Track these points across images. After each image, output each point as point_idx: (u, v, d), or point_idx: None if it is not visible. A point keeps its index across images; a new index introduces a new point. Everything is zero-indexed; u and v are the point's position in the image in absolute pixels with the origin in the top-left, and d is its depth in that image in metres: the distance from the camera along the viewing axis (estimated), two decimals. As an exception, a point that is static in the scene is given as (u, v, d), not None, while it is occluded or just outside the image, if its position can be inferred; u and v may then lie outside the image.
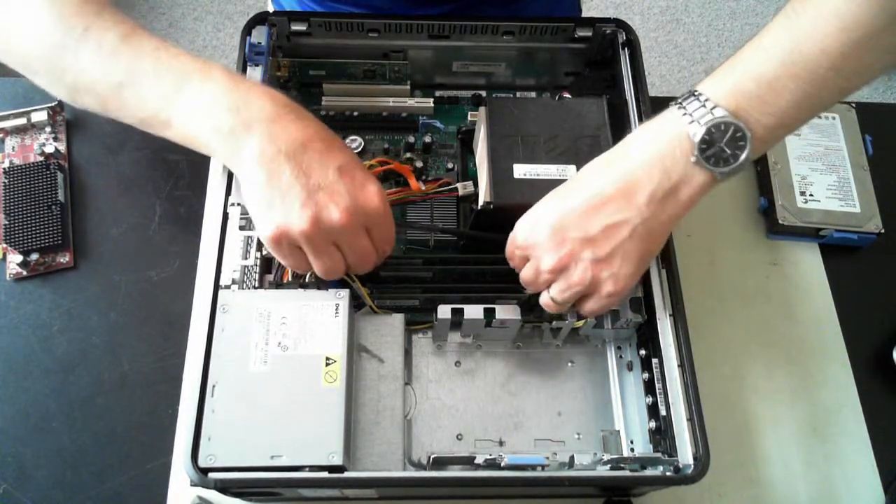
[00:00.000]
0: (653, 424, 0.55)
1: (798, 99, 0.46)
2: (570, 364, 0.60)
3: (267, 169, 0.47)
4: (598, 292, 0.50)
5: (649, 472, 0.50)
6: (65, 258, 0.66)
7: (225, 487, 0.47)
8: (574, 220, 0.49)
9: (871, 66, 0.46)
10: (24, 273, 0.65)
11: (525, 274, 0.52)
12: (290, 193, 0.47)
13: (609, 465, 0.50)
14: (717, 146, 0.46)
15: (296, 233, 0.47)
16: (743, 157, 0.46)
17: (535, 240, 0.50)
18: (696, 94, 0.47)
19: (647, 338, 0.57)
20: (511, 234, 0.52)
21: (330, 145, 0.49)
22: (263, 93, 0.49)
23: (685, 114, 0.47)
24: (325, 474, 0.47)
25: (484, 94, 0.71)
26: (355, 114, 0.67)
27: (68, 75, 0.50)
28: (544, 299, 0.53)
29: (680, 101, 0.48)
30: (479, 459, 0.49)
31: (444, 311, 0.54)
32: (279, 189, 0.47)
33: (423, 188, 0.63)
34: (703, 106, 0.46)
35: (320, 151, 0.48)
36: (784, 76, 0.45)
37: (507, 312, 0.55)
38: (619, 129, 0.60)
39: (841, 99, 0.48)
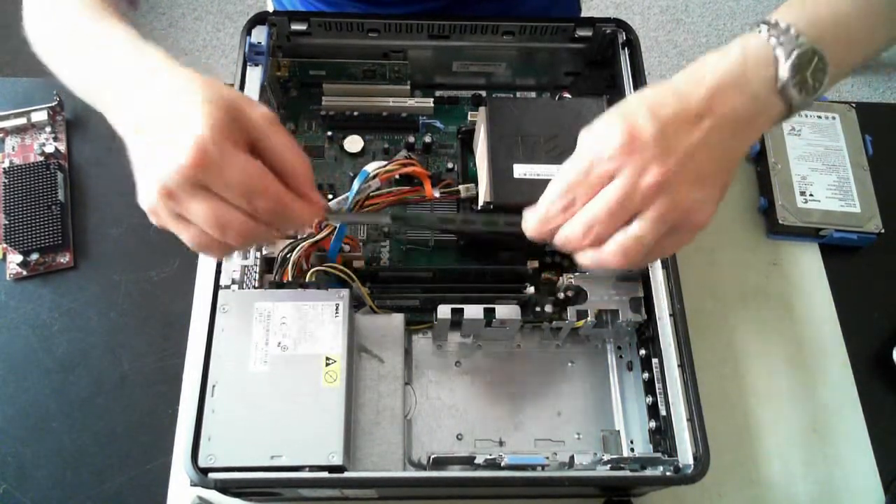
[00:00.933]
0: (653, 424, 0.55)
1: (870, 30, 0.46)
2: (570, 364, 0.60)
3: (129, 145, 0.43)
4: (687, 222, 0.41)
5: (649, 472, 0.50)
6: (65, 258, 0.66)
7: (225, 487, 0.47)
8: (676, 126, 0.40)
9: None
10: (24, 273, 0.65)
11: (611, 195, 0.40)
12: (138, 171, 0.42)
13: (609, 465, 0.50)
14: (803, 74, 0.43)
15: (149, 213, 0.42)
16: (822, 88, 0.44)
17: (645, 138, 0.39)
18: (775, 22, 0.43)
19: (647, 338, 0.57)
20: (600, 131, 0.41)
21: (174, 110, 0.40)
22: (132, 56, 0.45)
23: (772, 36, 0.43)
24: (325, 474, 0.47)
25: (484, 94, 0.71)
26: (355, 114, 0.67)
27: (56, 65, 0.49)
28: (620, 242, 0.41)
29: (761, 27, 0.43)
30: (479, 459, 0.49)
31: (444, 311, 0.54)
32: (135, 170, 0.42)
33: (437, 196, 0.62)
34: (788, 32, 0.43)
35: (165, 119, 0.40)
36: (854, 11, 0.45)
37: (507, 312, 0.54)
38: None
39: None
